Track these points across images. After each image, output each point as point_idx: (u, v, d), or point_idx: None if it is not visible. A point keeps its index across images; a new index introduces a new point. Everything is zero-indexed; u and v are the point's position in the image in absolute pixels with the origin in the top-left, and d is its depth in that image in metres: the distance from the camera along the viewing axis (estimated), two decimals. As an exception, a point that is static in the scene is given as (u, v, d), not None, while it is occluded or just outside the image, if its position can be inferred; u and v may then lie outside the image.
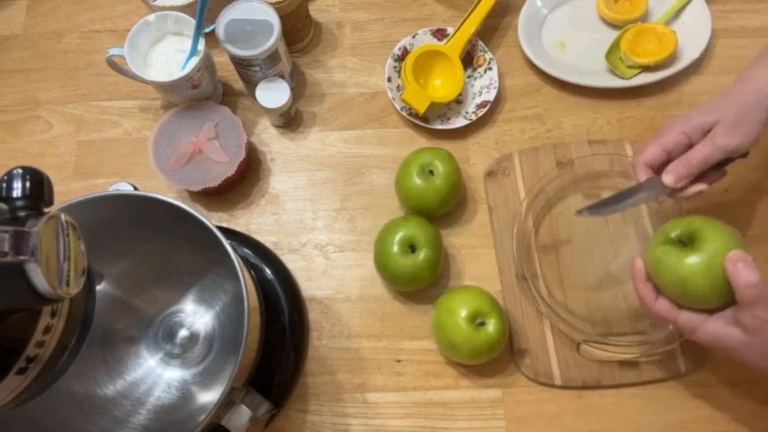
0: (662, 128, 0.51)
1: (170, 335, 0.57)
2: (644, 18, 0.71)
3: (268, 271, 0.60)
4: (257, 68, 0.62)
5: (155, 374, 0.56)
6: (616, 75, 0.68)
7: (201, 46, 0.60)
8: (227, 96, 0.70)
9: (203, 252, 0.48)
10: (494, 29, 0.72)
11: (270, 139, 0.68)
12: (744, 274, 0.41)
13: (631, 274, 0.50)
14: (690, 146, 0.49)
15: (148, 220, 0.47)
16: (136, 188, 0.51)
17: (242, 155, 0.60)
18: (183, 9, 0.63)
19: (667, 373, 0.56)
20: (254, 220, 0.64)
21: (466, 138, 0.67)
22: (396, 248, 0.56)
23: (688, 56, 0.67)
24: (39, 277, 0.27)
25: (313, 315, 0.60)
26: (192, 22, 0.59)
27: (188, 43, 0.61)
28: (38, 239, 0.27)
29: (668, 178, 0.49)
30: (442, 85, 0.68)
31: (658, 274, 0.47)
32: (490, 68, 0.68)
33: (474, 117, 0.66)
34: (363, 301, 0.61)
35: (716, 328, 0.44)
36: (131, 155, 0.68)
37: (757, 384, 0.56)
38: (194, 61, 0.60)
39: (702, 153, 0.48)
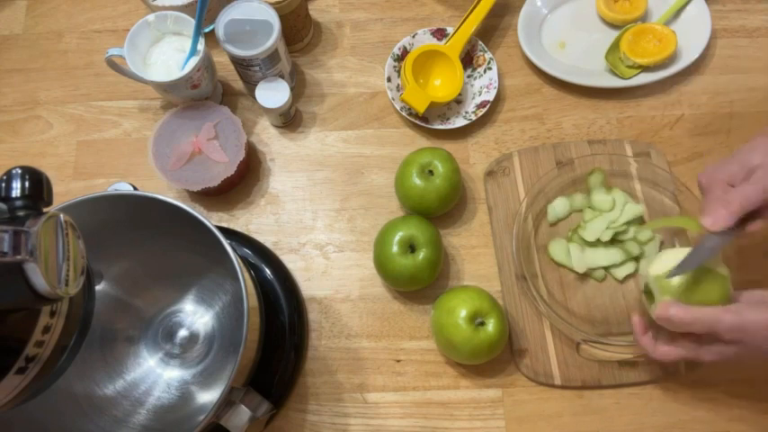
0: (704, 176, 0.49)
1: (170, 335, 0.57)
2: (644, 18, 0.71)
3: (268, 271, 0.60)
4: (257, 68, 0.62)
5: (154, 374, 0.56)
6: (616, 75, 0.68)
7: (201, 46, 0.60)
8: (226, 96, 0.70)
9: (203, 252, 0.48)
10: (493, 29, 0.72)
11: (270, 139, 0.68)
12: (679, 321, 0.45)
13: (633, 329, 0.51)
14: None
15: (148, 220, 0.47)
16: (135, 188, 0.51)
17: (242, 155, 0.60)
18: (182, 9, 0.63)
19: (667, 373, 0.56)
20: (254, 220, 0.64)
21: (466, 138, 0.67)
22: (395, 248, 0.56)
23: (688, 56, 0.67)
24: (38, 277, 0.27)
25: (313, 315, 0.60)
26: (192, 21, 0.59)
27: (188, 43, 0.61)
28: (37, 239, 0.27)
29: (706, 221, 0.46)
30: (441, 84, 0.68)
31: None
32: (490, 68, 0.68)
33: (474, 117, 0.66)
34: (363, 301, 0.61)
35: (713, 348, 0.46)
36: (131, 155, 0.68)
37: (757, 384, 0.56)
38: (194, 61, 0.60)
39: (742, 194, 0.45)
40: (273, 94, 0.63)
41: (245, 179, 0.66)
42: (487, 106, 0.66)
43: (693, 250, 0.48)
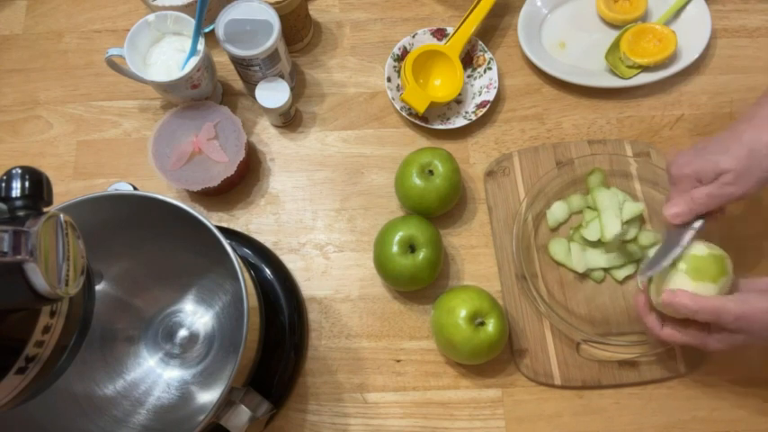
0: (674, 168, 0.50)
1: (170, 335, 0.57)
2: (644, 18, 0.71)
3: (268, 271, 0.60)
4: (257, 68, 0.62)
5: (154, 374, 0.56)
6: (616, 75, 0.68)
7: (201, 46, 0.60)
8: (226, 96, 0.70)
9: (203, 252, 0.48)
10: (493, 29, 0.72)
11: (269, 139, 0.68)
12: (682, 307, 0.45)
13: (636, 307, 0.52)
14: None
15: (148, 220, 0.47)
16: (135, 188, 0.51)
17: (241, 155, 0.60)
18: (182, 9, 0.63)
19: (667, 373, 0.56)
20: (254, 220, 0.64)
21: (466, 138, 0.67)
22: (395, 248, 0.56)
23: (688, 56, 0.67)
24: (38, 277, 0.27)
25: (313, 315, 0.60)
26: (192, 21, 0.59)
27: (188, 43, 0.61)
28: (37, 239, 0.27)
29: (669, 211, 0.49)
30: (441, 84, 0.68)
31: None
32: (490, 68, 0.68)
33: (474, 117, 0.66)
34: (363, 301, 0.61)
35: (721, 337, 0.46)
36: (131, 155, 0.68)
37: (757, 384, 0.56)
38: (194, 61, 0.60)
39: (708, 195, 0.47)
40: (273, 94, 0.63)
41: (245, 179, 0.66)
42: (487, 106, 0.66)
43: (660, 248, 0.49)
